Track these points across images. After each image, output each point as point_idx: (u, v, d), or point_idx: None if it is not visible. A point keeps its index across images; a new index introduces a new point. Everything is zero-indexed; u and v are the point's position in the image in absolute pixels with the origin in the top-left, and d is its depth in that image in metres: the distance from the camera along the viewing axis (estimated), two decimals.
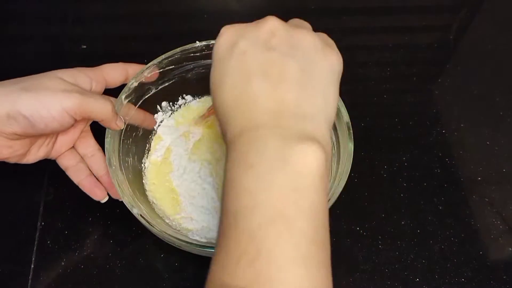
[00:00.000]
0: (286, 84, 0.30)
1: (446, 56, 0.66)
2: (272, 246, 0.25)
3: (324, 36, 0.35)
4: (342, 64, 0.33)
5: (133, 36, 0.65)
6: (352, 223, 0.51)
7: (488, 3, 0.72)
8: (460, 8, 0.72)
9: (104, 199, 0.47)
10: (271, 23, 0.32)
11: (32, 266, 0.47)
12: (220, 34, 0.33)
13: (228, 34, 0.33)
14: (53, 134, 0.44)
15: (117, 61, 0.47)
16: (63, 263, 0.47)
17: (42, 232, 0.49)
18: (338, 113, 0.46)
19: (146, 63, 0.48)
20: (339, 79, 0.33)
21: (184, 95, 0.54)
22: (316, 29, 0.35)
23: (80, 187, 0.47)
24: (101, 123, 0.44)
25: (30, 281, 0.46)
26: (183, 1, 0.71)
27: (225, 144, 0.31)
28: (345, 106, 0.46)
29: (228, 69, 0.32)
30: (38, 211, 0.50)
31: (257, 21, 0.33)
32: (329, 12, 0.70)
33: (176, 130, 0.54)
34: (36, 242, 0.48)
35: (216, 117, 0.33)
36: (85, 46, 0.63)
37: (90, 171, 0.47)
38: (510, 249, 0.51)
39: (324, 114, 0.31)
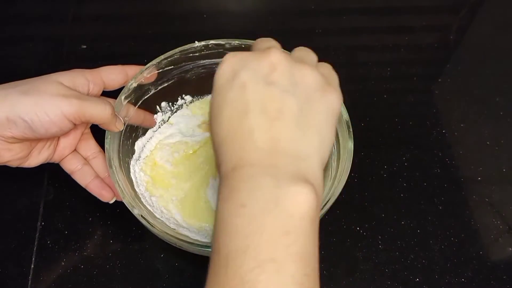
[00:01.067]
0: (282, 122, 0.30)
1: (446, 56, 0.66)
2: None
3: (327, 70, 0.34)
4: (341, 103, 0.33)
5: (133, 36, 0.65)
6: (352, 223, 0.51)
7: (488, 3, 0.72)
8: (460, 8, 0.72)
9: (112, 200, 0.47)
10: (274, 56, 0.31)
11: (32, 266, 0.47)
12: (222, 61, 0.32)
13: (230, 62, 0.32)
14: (54, 138, 0.44)
15: (116, 62, 0.47)
16: (63, 263, 0.47)
17: (42, 232, 0.49)
18: (341, 121, 0.46)
19: (146, 63, 0.48)
20: (337, 119, 0.33)
21: (183, 95, 0.54)
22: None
23: (88, 190, 0.46)
24: (101, 126, 0.44)
25: (30, 281, 0.46)
26: (183, 1, 0.71)
27: (218, 176, 0.31)
28: (345, 106, 0.46)
29: (226, 100, 0.31)
30: (38, 211, 0.50)
31: (261, 51, 0.32)
32: (329, 12, 0.70)
33: (194, 116, 0.54)
34: (36, 242, 0.48)
35: (212, 147, 0.33)
36: (85, 46, 0.63)
37: (96, 173, 0.47)
38: (510, 249, 0.51)
39: (319, 155, 0.30)
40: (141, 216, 0.41)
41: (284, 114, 0.30)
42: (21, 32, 0.65)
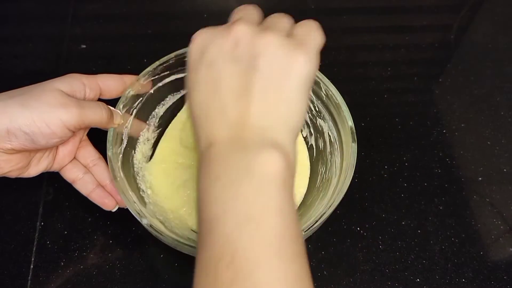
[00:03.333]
0: (248, 97, 0.31)
1: (446, 56, 0.66)
2: (246, 246, 0.27)
3: (304, 30, 0.33)
4: (314, 65, 0.32)
5: (133, 36, 0.65)
6: (352, 223, 0.51)
7: (488, 3, 0.72)
8: (460, 8, 0.72)
9: (115, 208, 0.46)
10: (238, 30, 0.32)
11: (32, 266, 0.47)
12: (192, 38, 0.33)
13: (199, 40, 0.33)
14: (53, 147, 0.44)
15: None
16: (62, 264, 0.47)
17: (42, 232, 0.49)
18: (342, 117, 0.45)
19: (146, 63, 0.48)
20: (308, 83, 0.32)
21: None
22: None
23: (90, 199, 0.46)
24: (100, 127, 0.43)
25: (29, 281, 0.46)
26: (183, 1, 0.71)
27: (198, 152, 0.32)
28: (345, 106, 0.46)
29: (197, 78, 0.32)
30: (38, 211, 0.50)
31: (227, 25, 0.33)
32: (329, 12, 0.70)
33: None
34: (35, 242, 0.48)
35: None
36: (85, 46, 0.63)
37: (97, 181, 0.46)
38: (511, 249, 0.51)
39: (287, 123, 0.31)
40: (151, 226, 0.40)
41: (249, 89, 0.31)
42: (21, 32, 0.65)
